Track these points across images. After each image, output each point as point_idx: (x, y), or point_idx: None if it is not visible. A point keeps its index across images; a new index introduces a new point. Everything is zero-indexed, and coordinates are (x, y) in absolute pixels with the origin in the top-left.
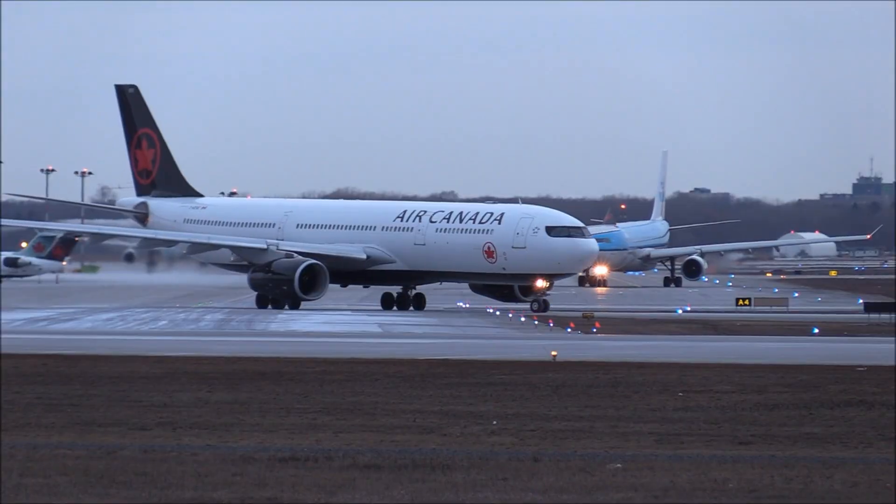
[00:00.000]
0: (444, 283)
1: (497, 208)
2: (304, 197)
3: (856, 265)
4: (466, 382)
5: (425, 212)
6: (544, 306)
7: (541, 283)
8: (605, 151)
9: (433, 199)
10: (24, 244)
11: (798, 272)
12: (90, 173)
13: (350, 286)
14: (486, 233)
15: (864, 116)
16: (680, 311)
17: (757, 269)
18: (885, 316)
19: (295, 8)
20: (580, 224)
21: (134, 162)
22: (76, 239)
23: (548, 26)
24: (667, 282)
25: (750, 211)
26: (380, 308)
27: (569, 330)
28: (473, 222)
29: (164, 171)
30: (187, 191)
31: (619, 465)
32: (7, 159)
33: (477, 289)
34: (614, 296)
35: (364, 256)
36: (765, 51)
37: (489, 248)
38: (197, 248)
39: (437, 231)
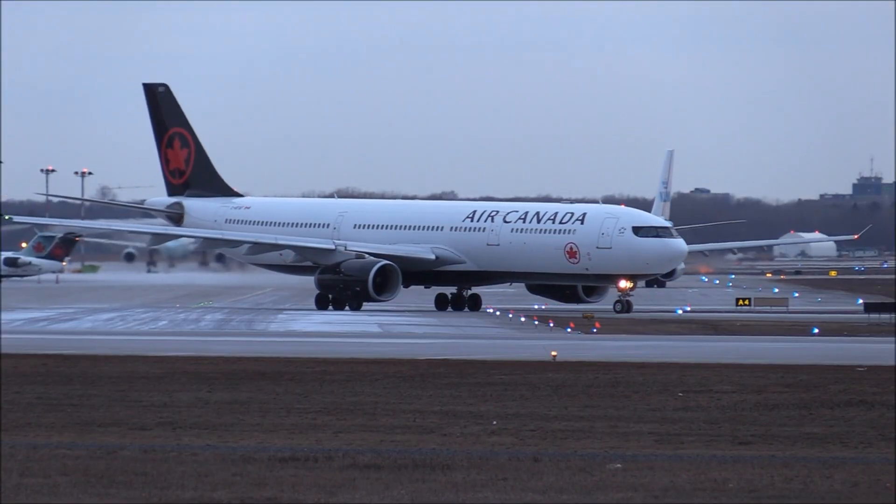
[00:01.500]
0: (513, 283)
1: (577, 208)
2: (304, 197)
3: (856, 265)
4: (466, 382)
5: (497, 212)
6: (628, 307)
7: (624, 284)
8: (605, 151)
9: (433, 198)
10: (24, 244)
11: (798, 272)
12: (90, 173)
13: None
14: (568, 233)
15: (864, 116)
16: (680, 311)
17: (757, 270)
18: (885, 316)
19: (294, 8)
20: (667, 224)
21: (165, 161)
22: (76, 239)
23: (548, 26)
24: (649, 283)
25: (750, 211)
26: (433, 308)
27: (569, 330)
28: (553, 222)
29: (198, 171)
30: (225, 190)
31: (619, 465)
32: (7, 159)
33: (535, 289)
34: (614, 295)
35: (433, 257)
36: (765, 51)
37: (571, 248)
38: (260, 249)
39: (512, 231)
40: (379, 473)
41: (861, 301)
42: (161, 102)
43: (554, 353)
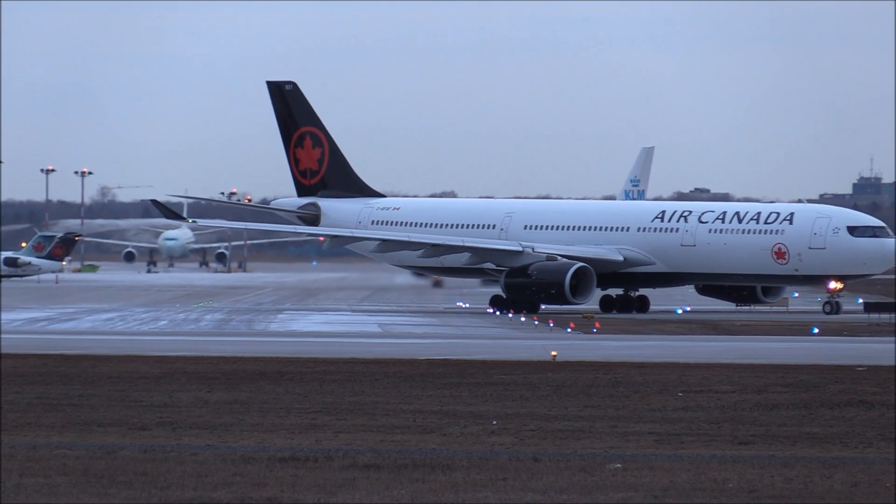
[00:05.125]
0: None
1: (782, 208)
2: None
3: None
4: (466, 382)
5: (690, 212)
6: (837, 308)
7: (834, 285)
8: (605, 151)
9: (433, 198)
10: (24, 244)
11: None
12: (90, 173)
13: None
14: (776, 233)
15: (864, 116)
16: (680, 311)
17: None
18: (885, 316)
19: (294, 7)
20: (882, 223)
21: (294, 161)
22: (76, 238)
23: (548, 26)
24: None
25: None
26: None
27: (569, 330)
28: (757, 222)
29: (334, 171)
30: (365, 191)
31: (618, 465)
32: (7, 159)
33: (706, 290)
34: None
35: (620, 258)
36: (764, 50)
37: (780, 248)
38: (437, 251)
39: (709, 232)
40: (379, 473)
41: (861, 301)
42: (289, 100)
43: (554, 353)
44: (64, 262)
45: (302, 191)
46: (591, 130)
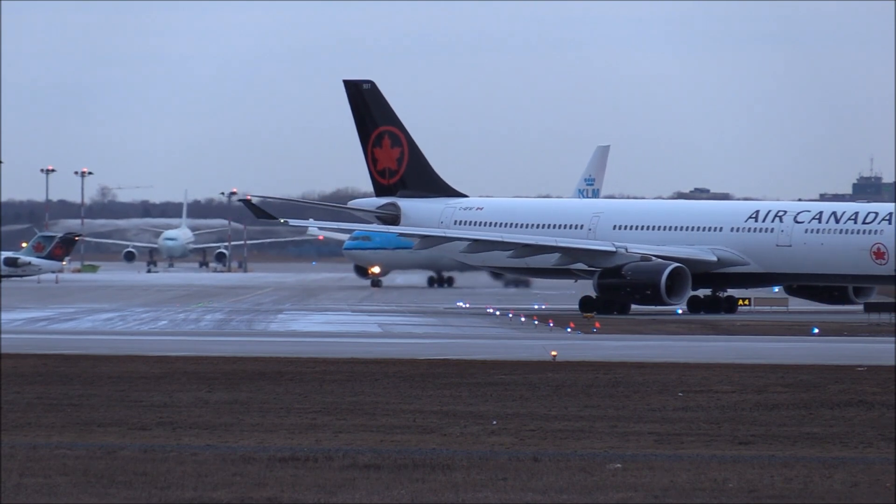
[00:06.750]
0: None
1: (881, 207)
2: (303, 197)
3: None
4: (466, 382)
5: (785, 212)
6: None
7: None
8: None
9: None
10: (24, 244)
11: None
12: (90, 173)
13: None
14: (875, 233)
15: (864, 116)
16: (680, 311)
17: None
18: (885, 316)
19: (293, 7)
20: None
21: (372, 161)
22: (76, 238)
23: (547, 26)
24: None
25: None
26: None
27: (569, 330)
28: (854, 222)
29: (413, 171)
30: (446, 191)
31: (618, 465)
32: (7, 159)
33: (796, 290)
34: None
35: (714, 258)
36: (764, 51)
37: (879, 248)
38: (529, 252)
39: (805, 232)
40: (379, 473)
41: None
42: (367, 99)
43: (554, 353)
44: (64, 262)
45: (381, 190)
46: (591, 131)
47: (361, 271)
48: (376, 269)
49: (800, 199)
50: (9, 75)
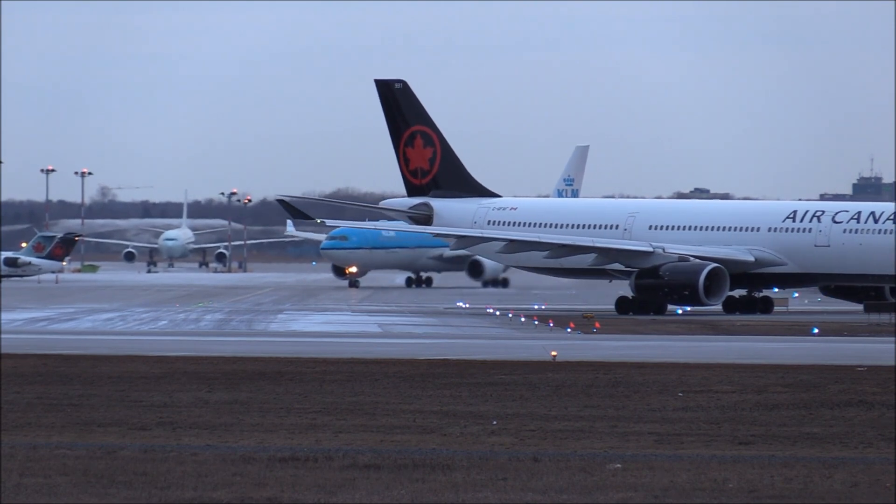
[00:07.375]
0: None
1: None
2: (304, 196)
3: None
4: (466, 382)
5: (823, 212)
6: None
7: None
8: (604, 151)
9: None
10: (24, 244)
11: None
12: (90, 173)
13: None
14: None
15: (864, 116)
16: (680, 311)
17: None
18: (885, 316)
19: (293, 7)
20: None
21: (404, 161)
22: (76, 238)
23: (547, 26)
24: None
25: None
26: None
27: (569, 330)
28: (894, 223)
29: (446, 170)
30: (479, 191)
31: (618, 466)
32: (7, 159)
33: (833, 291)
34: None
35: (751, 259)
36: (764, 51)
37: None
38: (565, 252)
39: (844, 232)
40: (379, 473)
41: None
42: (399, 99)
43: (554, 353)
44: (64, 263)
45: (413, 190)
46: (591, 131)
47: (339, 271)
48: (353, 269)
49: (799, 200)
50: (9, 75)
